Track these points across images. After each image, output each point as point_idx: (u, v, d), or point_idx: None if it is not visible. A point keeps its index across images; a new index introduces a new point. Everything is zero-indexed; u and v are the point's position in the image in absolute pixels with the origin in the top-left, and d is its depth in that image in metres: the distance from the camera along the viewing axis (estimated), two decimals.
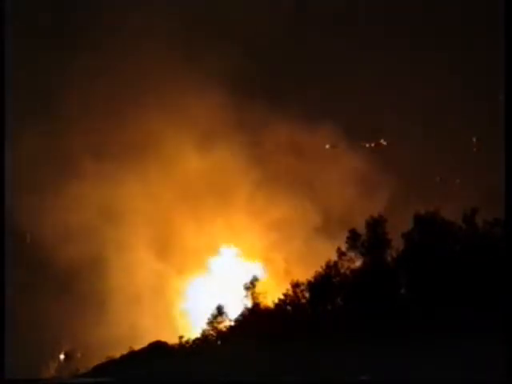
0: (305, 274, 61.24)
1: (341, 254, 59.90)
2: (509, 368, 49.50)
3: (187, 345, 64.96)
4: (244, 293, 62.65)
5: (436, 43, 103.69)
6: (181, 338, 65.56)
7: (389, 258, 59.05)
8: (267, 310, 61.59)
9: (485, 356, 49.86)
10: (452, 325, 52.71)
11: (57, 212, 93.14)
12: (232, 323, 62.82)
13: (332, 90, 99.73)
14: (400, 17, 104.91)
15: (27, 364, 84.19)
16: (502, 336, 50.71)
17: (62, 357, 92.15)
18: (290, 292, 61.09)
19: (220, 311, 63.36)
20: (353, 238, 59.78)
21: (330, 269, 59.76)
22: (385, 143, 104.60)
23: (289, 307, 60.70)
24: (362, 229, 60.10)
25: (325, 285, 59.48)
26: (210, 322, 63.36)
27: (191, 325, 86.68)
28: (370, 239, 59.31)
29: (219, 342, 62.95)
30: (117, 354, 71.16)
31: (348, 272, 59.44)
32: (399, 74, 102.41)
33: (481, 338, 50.63)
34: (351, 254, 59.75)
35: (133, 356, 68.49)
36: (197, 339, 64.81)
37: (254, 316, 61.39)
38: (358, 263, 59.57)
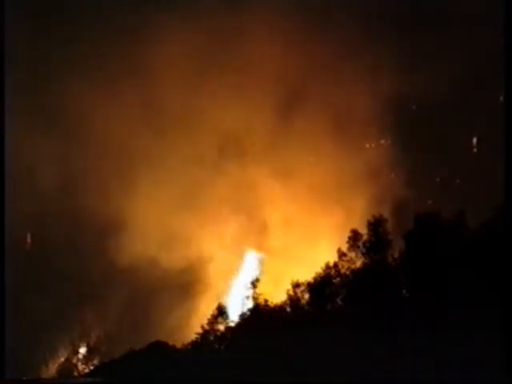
0: None
1: (341, 254, 59.93)
2: (509, 368, 49.50)
3: (187, 345, 65.04)
4: (245, 293, 62.64)
5: (435, 42, 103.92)
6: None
7: (390, 259, 59.02)
8: (267, 311, 61.59)
9: (485, 356, 49.83)
10: (452, 325, 52.70)
11: None
12: (232, 324, 62.82)
13: None
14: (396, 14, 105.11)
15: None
16: (502, 336, 50.68)
17: None
18: (291, 292, 61.08)
19: (221, 311, 63.35)
20: (354, 238, 59.76)
21: (330, 269, 59.81)
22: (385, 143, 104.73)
23: (289, 308, 60.72)
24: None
25: (325, 285, 59.48)
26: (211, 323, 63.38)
27: None
28: (370, 239, 59.32)
29: (219, 342, 62.95)
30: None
31: (348, 272, 59.44)
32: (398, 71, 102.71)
33: (481, 338, 50.60)
34: (351, 255, 59.77)
35: (133, 356, 68.52)
36: (197, 339, 64.77)
37: (255, 316, 61.41)
38: (359, 264, 59.57)
